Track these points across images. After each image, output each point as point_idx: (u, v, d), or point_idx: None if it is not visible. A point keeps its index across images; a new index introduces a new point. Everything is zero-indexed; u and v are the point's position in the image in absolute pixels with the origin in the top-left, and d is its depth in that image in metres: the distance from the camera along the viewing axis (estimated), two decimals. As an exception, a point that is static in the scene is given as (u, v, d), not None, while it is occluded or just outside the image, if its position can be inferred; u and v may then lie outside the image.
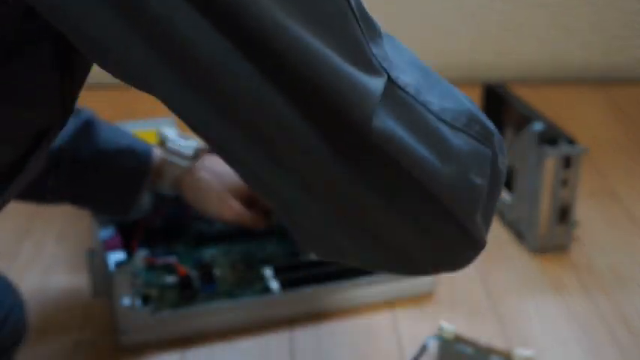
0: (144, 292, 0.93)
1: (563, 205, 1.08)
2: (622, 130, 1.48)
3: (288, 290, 0.96)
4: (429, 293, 1.02)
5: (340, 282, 0.97)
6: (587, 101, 1.59)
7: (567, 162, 1.06)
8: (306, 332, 0.95)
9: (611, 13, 1.65)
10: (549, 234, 1.09)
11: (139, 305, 0.90)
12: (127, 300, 0.89)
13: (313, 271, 0.98)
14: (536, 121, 1.08)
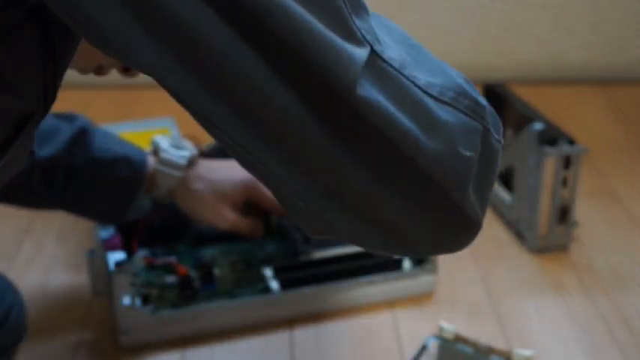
0: (144, 292, 0.93)
1: (563, 205, 1.08)
2: (622, 130, 1.47)
3: (288, 290, 0.96)
4: (429, 293, 1.02)
5: (340, 282, 0.97)
6: (587, 101, 1.59)
7: (567, 162, 1.06)
8: (306, 332, 0.95)
9: (612, 14, 1.64)
10: (549, 234, 1.09)
11: (139, 305, 0.90)
12: (127, 300, 0.89)
13: (313, 271, 0.98)
14: (536, 121, 1.08)
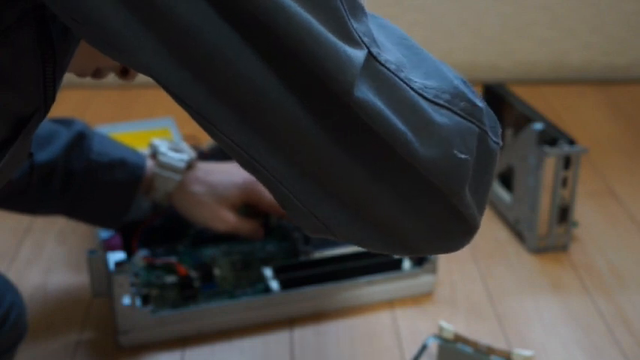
0: (144, 292, 0.93)
1: (563, 205, 1.08)
2: (622, 130, 1.47)
3: (288, 290, 0.96)
4: (429, 293, 1.02)
5: (340, 282, 0.97)
6: (587, 101, 1.59)
7: (567, 162, 1.06)
8: (306, 332, 0.95)
9: (612, 14, 1.64)
10: (549, 234, 1.09)
11: (139, 305, 0.90)
12: (127, 300, 0.89)
13: (313, 271, 0.98)
14: (536, 121, 1.08)
